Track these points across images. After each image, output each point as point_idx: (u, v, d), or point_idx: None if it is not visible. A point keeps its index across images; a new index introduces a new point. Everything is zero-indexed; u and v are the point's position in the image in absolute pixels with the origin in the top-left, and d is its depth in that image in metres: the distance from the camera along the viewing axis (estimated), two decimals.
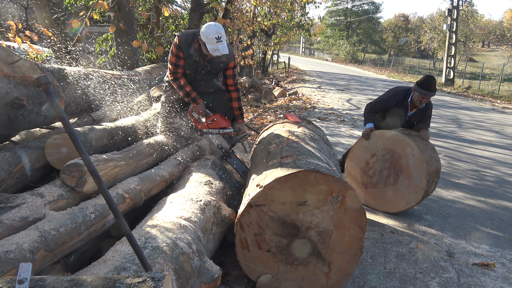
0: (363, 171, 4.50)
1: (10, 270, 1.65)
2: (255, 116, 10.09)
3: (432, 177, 4.11)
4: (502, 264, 3.39)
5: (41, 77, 1.58)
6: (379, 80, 26.47)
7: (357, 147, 4.60)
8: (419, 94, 4.18)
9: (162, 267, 1.80)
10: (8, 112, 2.38)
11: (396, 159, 4.22)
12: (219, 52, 3.39)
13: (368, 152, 4.47)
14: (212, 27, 3.37)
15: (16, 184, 2.48)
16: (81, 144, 1.62)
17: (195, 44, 3.52)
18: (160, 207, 2.60)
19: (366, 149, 4.48)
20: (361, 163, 4.53)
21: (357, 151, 4.59)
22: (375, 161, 4.40)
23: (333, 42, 56.55)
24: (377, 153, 4.38)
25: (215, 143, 3.80)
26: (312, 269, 2.56)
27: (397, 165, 4.21)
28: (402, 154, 4.18)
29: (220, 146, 3.79)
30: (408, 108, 4.42)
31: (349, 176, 4.66)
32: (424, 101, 4.23)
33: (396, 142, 4.21)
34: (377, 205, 4.39)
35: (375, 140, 4.41)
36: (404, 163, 4.16)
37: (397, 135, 4.21)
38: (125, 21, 6.87)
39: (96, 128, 3.09)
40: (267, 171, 2.69)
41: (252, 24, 14.26)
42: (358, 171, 4.55)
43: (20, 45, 5.73)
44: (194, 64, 3.64)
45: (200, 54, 3.56)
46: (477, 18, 43.86)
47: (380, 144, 4.36)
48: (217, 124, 3.77)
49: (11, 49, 3.47)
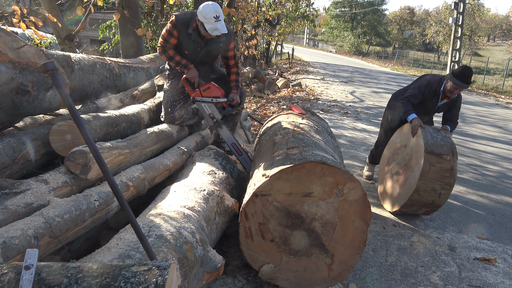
0: (391, 155, 4.40)
1: (15, 256, 1.65)
2: (258, 106, 10.06)
3: (418, 206, 3.86)
4: (503, 259, 3.39)
5: (48, 63, 1.57)
6: (383, 72, 26.34)
7: (399, 131, 4.39)
8: (454, 84, 4.02)
9: (166, 256, 1.81)
10: (13, 98, 2.37)
11: (408, 166, 4.02)
12: (218, 31, 3.34)
13: (403, 139, 4.24)
14: (209, 6, 3.30)
15: (20, 170, 2.48)
16: (87, 131, 1.62)
17: (193, 24, 3.49)
18: (163, 196, 2.60)
19: (404, 136, 4.23)
20: (393, 147, 4.42)
21: (396, 135, 4.43)
22: (400, 153, 4.23)
23: (338, 33, 56.16)
24: (406, 147, 4.15)
25: (207, 112, 3.73)
26: (315, 260, 2.56)
27: (406, 171, 4.04)
28: (412, 166, 3.93)
29: (212, 116, 3.72)
30: (440, 98, 4.26)
31: (382, 158, 4.63)
32: (456, 92, 4.09)
33: (416, 153, 3.90)
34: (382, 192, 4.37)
35: (408, 131, 4.14)
36: (407, 176, 3.99)
37: (421, 147, 3.80)
38: (129, 8, 6.81)
39: (101, 116, 3.08)
40: (273, 161, 2.69)
41: (256, 14, 14.17)
42: (389, 154, 4.48)
43: (24, 31, 5.70)
44: (192, 45, 3.59)
45: (198, 34, 3.53)
46: (483, 12, 43.43)
47: (412, 142, 4.07)
48: (211, 92, 3.70)
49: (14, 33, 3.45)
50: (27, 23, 5.33)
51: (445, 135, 3.94)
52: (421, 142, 3.83)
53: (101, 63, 3.92)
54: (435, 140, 3.83)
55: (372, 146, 6.79)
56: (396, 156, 4.29)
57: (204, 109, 3.74)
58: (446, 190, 3.73)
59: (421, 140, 3.83)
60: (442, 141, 3.84)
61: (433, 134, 3.91)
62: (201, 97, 3.69)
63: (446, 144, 3.81)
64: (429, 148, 3.74)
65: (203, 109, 3.74)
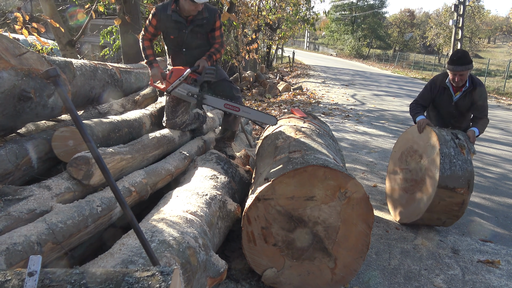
0: (405, 153, 4.12)
1: (18, 262, 1.65)
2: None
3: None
4: (507, 262, 3.38)
5: (50, 70, 1.57)
6: (383, 75, 26.36)
7: (409, 132, 4.10)
8: (449, 71, 3.85)
9: (169, 261, 1.81)
10: (16, 104, 2.37)
11: (419, 184, 3.74)
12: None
13: (420, 145, 3.89)
14: None
15: (23, 177, 2.48)
16: (89, 137, 1.62)
17: (172, 6, 3.51)
18: (166, 201, 2.60)
19: (422, 141, 3.87)
20: (407, 144, 4.10)
21: (407, 136, 4.15)
22: (415, 159, 3.91)
23: (338, 36, 56.27)
24: (422, 159, 3.79)
25: (184, 93, 3.63)
26: (318, 264, 2.56)
27: (415, 188, 3.80)
28: (422, 190, 3.68)
29: (190, 94, 3.63)
30: (451, 91, 3.99)
31: (395, 151, 4.34)
32: (458, 79, 3.80)
33: (430, 179, 3.58)
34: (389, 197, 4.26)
35: (427, 140, 3.76)
36: (415, 195, 3.76)
37: (435, 180, 3.49)
38: (130, 14, 6.84)
39: (103, 121, 3.09)
40: (275, 165, 2.69)
41: (257, 18, 14.20)
42: (403, 149, 4.19)
43: (27, 37, 5.72)
44: (175, 26, 3.58)
45: (179, 15, 3.53)
46: (484, 14, 43.51)
47: (428, 160, 3.68)
48: (176, 74, 3.59)
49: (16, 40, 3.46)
50: (30, 29, 5.35)
51: (467, 158, 3.57)
52: (437, 172, 3.48)
53: (103, 69, 3.93)
54: (453, 170, 3.48)
55: (374, 149, 6.80)
56: (409, 159, 4.01)
57: (180, 93, 3.64)
58: (451, 219, 3.65)
59: (437, 170, 3.48)
60: (460, 170, 3.49)
61: (452, 160, 3.51)
62: (171, 85, 3.60)
63: (464, 175, 3.48)
64: (443, 183, 3.45)
65: (179, 94, 3.64)
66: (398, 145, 4.30)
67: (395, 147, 4.34)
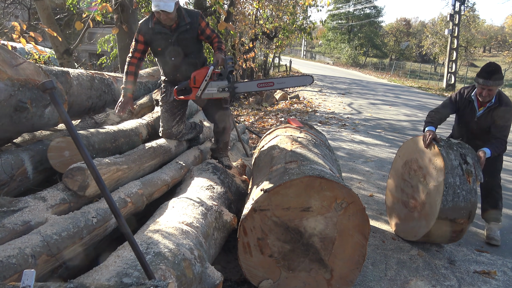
0: (408, 163, 3.87)
1: (12, 275, 1.64)
2: (256, 119, 10.10)
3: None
4: (503, 272, 3.37)
5: (46, 82, 1.58)
6: (380, 84, 26.48)
7: (417, 142, 3.78)
8: (478, 84, 3.58)
9: (164, 274, 1.80)
10: (12, 114, 2.37)
11: (419, 204, 3.58)
12: (158, 7, 3.27)
13: (425, 162, 3.61)
14: None
15: (18, 187, 2.47)
16: (85, 148, 1.62)
17: (153, 19, 3.50)
18: (162, 212, 2.59)
19: (426, 158, 3.59)
20: (413, 156, 3.82)
21: (413, 145, 3.83)
22: (418, 175, 3.66)
23: (335, 45, 56.66)
24: (425, 178, 3.56)
25: (215, 91, 3.55)
26: (314, 276, 2.55)
27: (415, 207, 3.64)
28: (421, 212, 3.55)
29: (221, 89, 3.56)
30: (476, 105, 3.75)
31: (400, 158, 4.07)
32: (486, 94, 3.56)
33: (430, 207, 3.42)
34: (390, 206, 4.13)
35: (433, 161, 3.47)
36: (414, 215, 3.62)
37: (435, 211, 3.33)
38: (127, 23, 6.88)
39: (99, 132, 3.09)
40: (271, 176, 2.69)
41: (254, 27, 14.29)
42: (406, 159, 3.92)
43: (24, 46, 5.73)
44: (161, 38, 3.54)
45: (162, 26, 3.51)
46: (479, 23, 43.88)
47: (431, 186, 3.46)
48: (200, 77, 3.53)
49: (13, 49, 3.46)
50: (27, 38, 5.37)
51: (472, 187, 3.32)
52: (438, 203, 3.30)
53: (100, 78, 3.94)
54: (455, 201, 3.27)
55: (371, 158, 6.81)
56: (413, 174, 3.75)
57: (211, 92, 3.57)
58: (448, 242, 3.62)
59: (439, 200, 3.30)
60: (463, 201, 3.28)
61: (456, 190, 3.29)
62: (199, 89, 3.54)
63: (466, 207, 3.28)
64: (443, 215, 3.29)
65: (210, 94, 3.57)
66: (402, 151, 4.05)
67: (400, 152, 4.10)
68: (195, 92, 3.57)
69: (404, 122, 11.17)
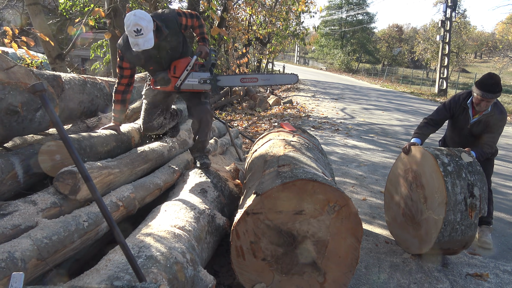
0: (406, 173, 3.72)
1: (1, 279, 1.62)
2: (250, 124, 10.10)
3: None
4: (495, 275, 3.39)
5: (36, 84, 1.57)
6: (373, 89, 26.64)
7: (420, 156, 3.54)
8: (476, 94, 3.53)
9: (156, 277, 1.78)
10: (2, 118, 2.35)
11: (417, 223, 3.48)
12: (138, 47, 3.04)
13: (425, 178, 3.44)
14: (130, 18, 2.98)
15: (8, 191, 2.44)
16: (75, 151, 1.61)
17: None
18: (154, 216, 2.58)
19: (427, 174, 3.40)
20: (413, 169, 3.62)
21: (414, 159, 3.61)
22: (419, 192, 3.49)
23: (328, 51, 56.92)
24: (426, 201, 3.39)
25: (196, 82, 3.42)
26: (307, 279, 2.54)
27: (413, 223, 3.54)
28: (417, 233, 3.48)
29: (202, 81, 3.43)
30: (470, 113, 3.74)
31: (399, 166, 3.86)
32: (483, 104, 3.55)
33: (426, 234, 3.34)
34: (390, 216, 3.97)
35: (436, 190, 3.27)
36: (411, 232, 3.55)
37: (430, 243, 3.26)
38: (120, 28, 6.87)
39: (91, 135, 3.07)
40: (264, 179, 2.69)
41: (247, 33, 14.35)
42: (407, 171, 3.71)
43: (16, 51, 5.70)
44: (145, 57, 3.37)
45: None
46: (470, 30, 44.40)
47: (429, 211, 3.33)
48: (181, 65, 3.41)
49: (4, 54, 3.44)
50: (19, 43, 5.34)
51: (472, 222, 3.18)
52: (434, 236, 3.20)
53: (92, 82, 3.92)
54: (452, 236, 3.18)
55: (364, 162, 6.83)
56: (414, 187, 3.56)
57: (191, 83, 3.44)
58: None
59: (435, 234, 3.18)
60: (460, 235, 3.19)
61: (455, 226, 3.16)
62: (179, 79, 3.41)
63: (463, 240, 3.22)
64: (437, 246, 3.26)
65: (190, 85, 3.44)
66: (408, 159, 3.75)
67: (402, 158, 3.84)
68: (174, 82, 3.44)
69: (397, 127, 11.24)
